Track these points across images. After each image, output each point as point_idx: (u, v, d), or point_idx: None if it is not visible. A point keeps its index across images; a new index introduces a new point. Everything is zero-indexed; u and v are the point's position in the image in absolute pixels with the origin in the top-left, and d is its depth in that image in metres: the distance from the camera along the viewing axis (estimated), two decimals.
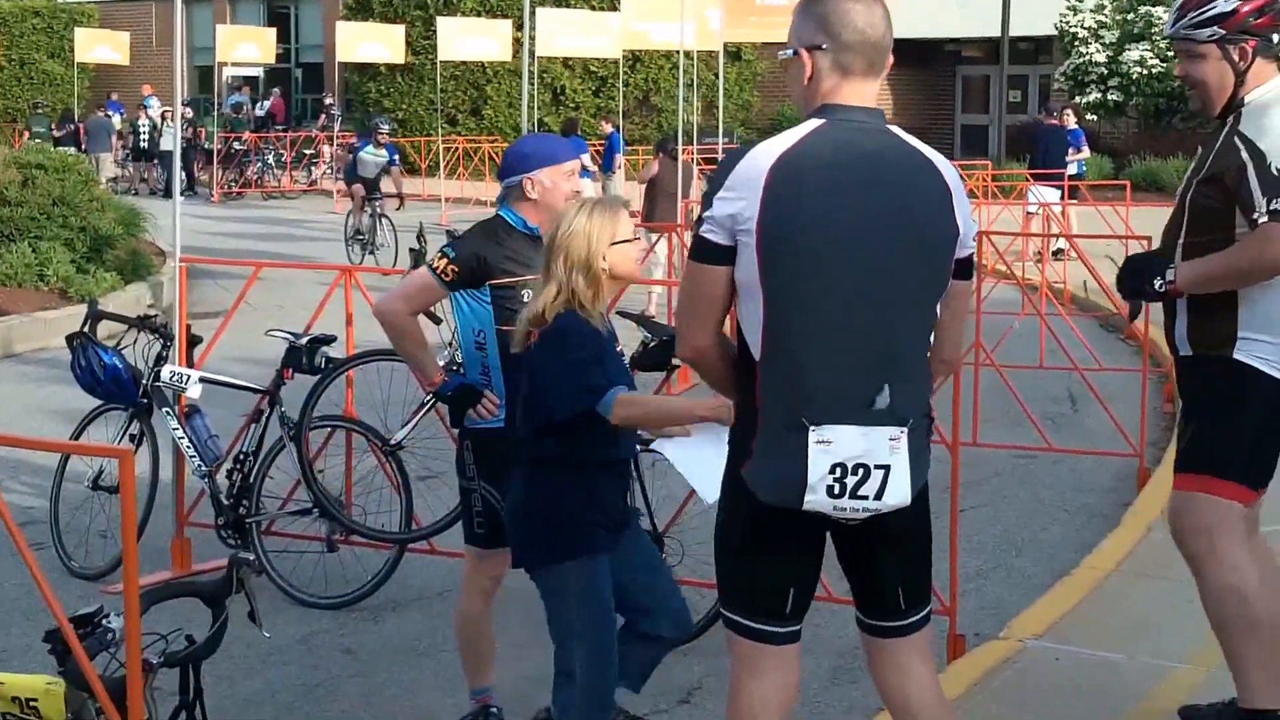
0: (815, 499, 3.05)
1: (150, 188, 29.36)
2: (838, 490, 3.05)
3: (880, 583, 3.31)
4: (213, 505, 6.39)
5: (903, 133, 3.22)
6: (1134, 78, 26.78)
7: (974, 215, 4.33)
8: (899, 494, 3.09)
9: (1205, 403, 4.12)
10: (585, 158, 17.02)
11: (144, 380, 6.44)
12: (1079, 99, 26.47)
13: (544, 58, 27.72)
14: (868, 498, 3.07)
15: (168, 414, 6.42)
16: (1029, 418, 8.36)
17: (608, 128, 22.02)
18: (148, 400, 6.46)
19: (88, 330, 6.52)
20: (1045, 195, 17.36)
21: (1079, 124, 20.08)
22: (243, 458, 6.32)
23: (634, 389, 4.02)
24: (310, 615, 5.99)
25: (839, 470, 3.04)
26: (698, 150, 20.53)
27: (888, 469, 3.06)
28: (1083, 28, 27.54)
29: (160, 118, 30.21)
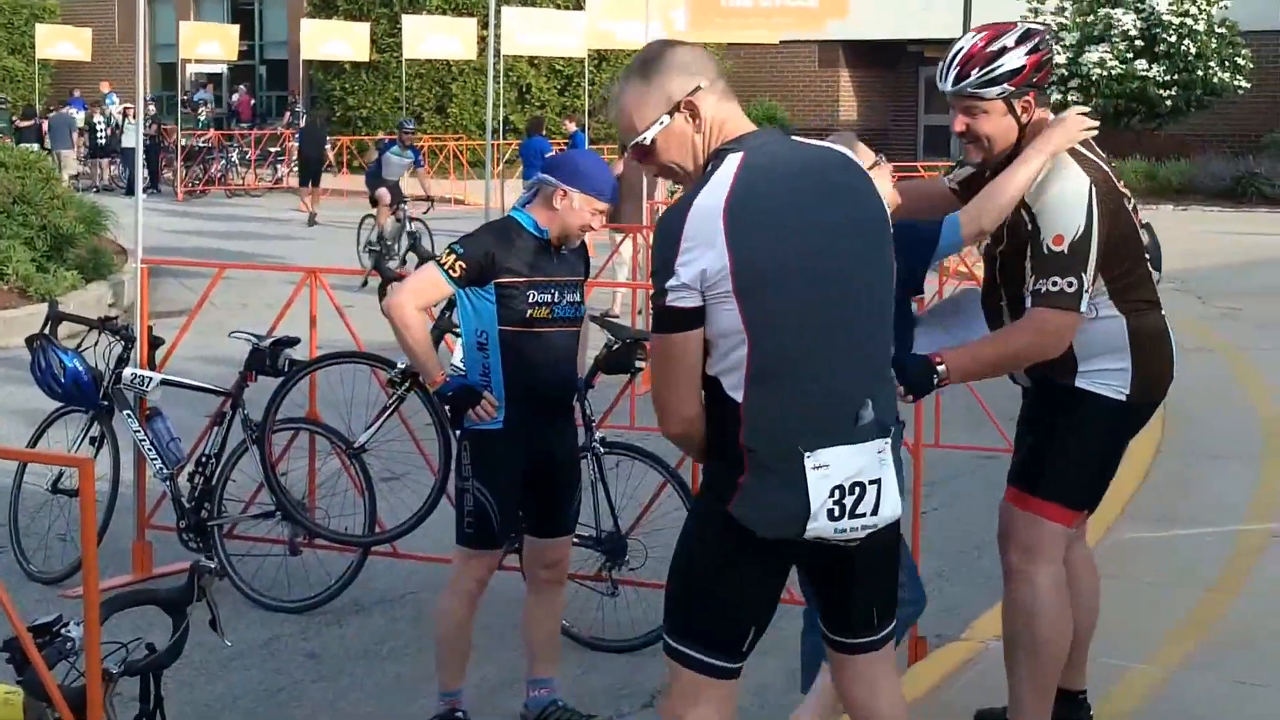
0: (817, 525, 3.00)
1: (109, 184, 29.19)
2: (838, 512, 3.01)
3: (853, 601, 3.25)
4: (174, 508, 6.35)
5: (804, 139, 3.20)
6: (1094, 79, 26.96)
7: None
8: (892, 505, 3.08)
9: (1044, 424, 4.16)
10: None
11: (105, 382, 6.40)
12: None
13: (510, 56, 27.70)
14: (865, 514, 3.03)
15: (129, 416, 6.38)
16: (990, 418, 8.40)
17: (572, 126, 22.03)
18: (109, 402, 6.42)
19: (48, 332, 6.46)
20: None
21: None
22: (205, 460, 6.29)
23: None
24: (273, 619, 5.97)
25: (838, 493, 3.00)
26: None
27: (879, 482, 3.04)
28: None
29: (121, 114, 30.04)
